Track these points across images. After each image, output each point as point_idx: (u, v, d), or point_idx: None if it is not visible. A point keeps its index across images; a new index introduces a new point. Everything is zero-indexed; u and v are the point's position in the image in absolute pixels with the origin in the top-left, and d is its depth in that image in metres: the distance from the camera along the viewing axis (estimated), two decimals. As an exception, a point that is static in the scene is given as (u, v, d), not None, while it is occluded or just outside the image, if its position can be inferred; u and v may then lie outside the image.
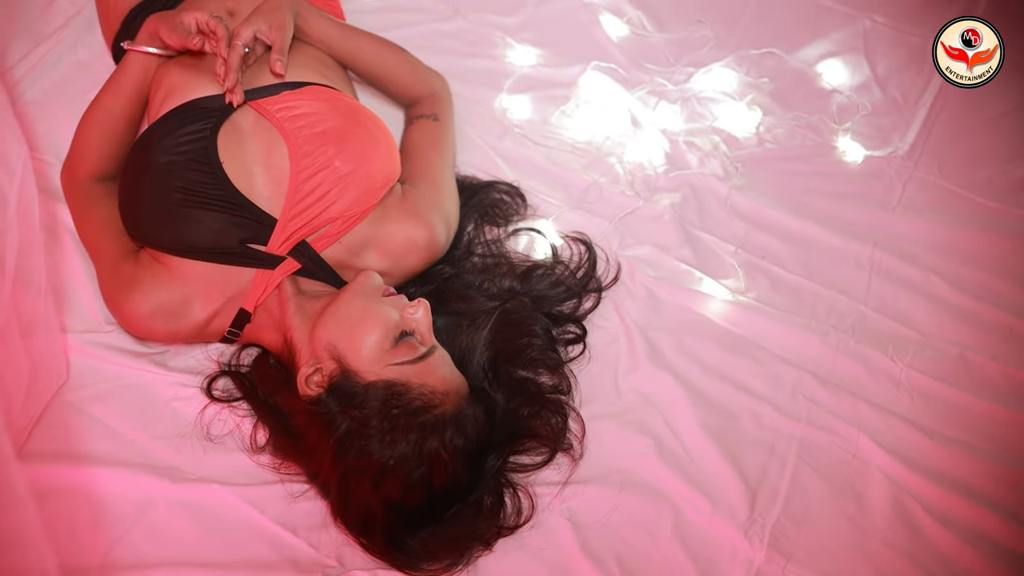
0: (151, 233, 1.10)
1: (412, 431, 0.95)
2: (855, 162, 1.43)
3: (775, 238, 1.34)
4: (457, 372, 1.04)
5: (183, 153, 1.09)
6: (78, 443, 1.16)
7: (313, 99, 1.15)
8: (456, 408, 0.99)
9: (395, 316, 1.01)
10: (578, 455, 1.11)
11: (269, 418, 1.08)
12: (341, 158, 1.11)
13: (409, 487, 0.96)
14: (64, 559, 1.08)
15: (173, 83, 1.18)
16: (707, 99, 1.49)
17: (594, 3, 1.61)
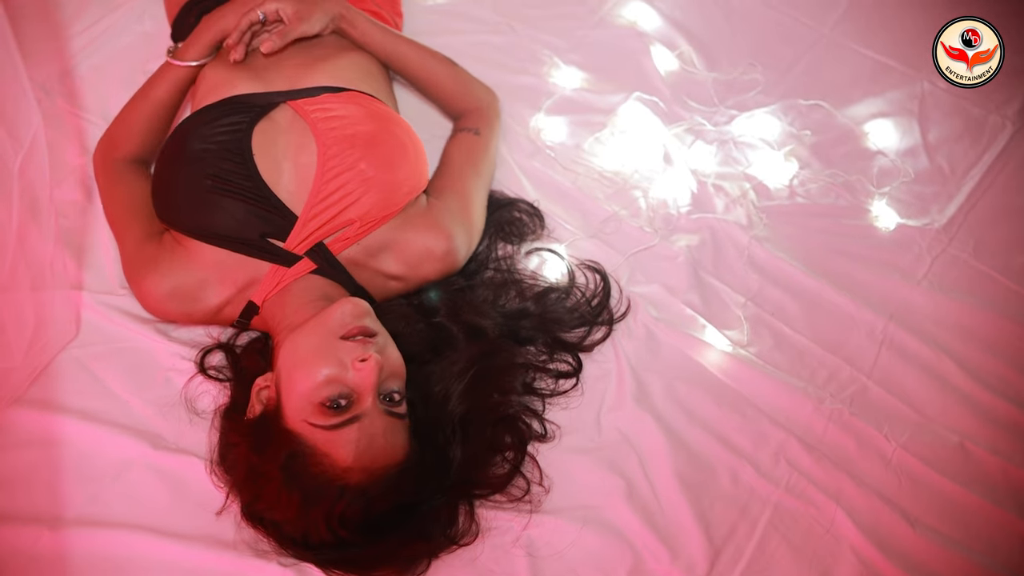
0: (178, 216, 1.14)
1: (301, 493, 0.95)
2: (887, 228, 1.38)
3: (788, 295, 1.31)
4: (382, 444, 0.97)
5: (218, 143, 1.13)
6: (75, 397, 1.22)
7: (349, 103, 1.18)
8: (359, 483, 0.95)
9: (332, 372, 0.97)
10: (535, 503, 1.10)
11: (239, 398, 1.11)
12: (367, 161, 1.13)
13: (305, 534, 0.98)
14: (41, 507, 1.13)
15: (218, 78, 1.23)
16: (745, 144, 1.47)
17: (647, 33, 1.60)
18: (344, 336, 1.00)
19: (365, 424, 0.97)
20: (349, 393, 0.97)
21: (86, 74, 1.55)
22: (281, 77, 1.22)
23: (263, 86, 1.20)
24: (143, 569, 1.09)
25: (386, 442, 0.97)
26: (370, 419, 0.97)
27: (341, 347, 0.99)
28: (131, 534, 1.11)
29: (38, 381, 1.22)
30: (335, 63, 1.26)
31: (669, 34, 1.61)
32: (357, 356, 0.97)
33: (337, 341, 0.99)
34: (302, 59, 1.25)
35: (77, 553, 1.10)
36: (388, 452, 0.98)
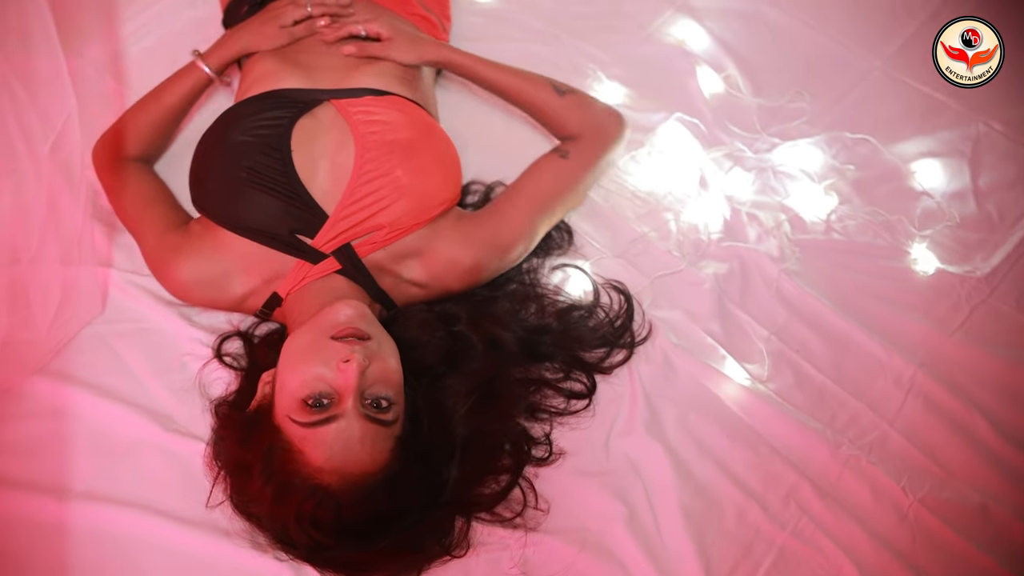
0: (211, 204, 1.16)
1: (275, 488, 0.96)
2: (925, 273, 1.34)
3: (814, 333, 1.27)
4: (358, 449, 0.95)
5: (258, 136, 1.14)
6: (94, 373, 1.24)
7: (391, 109, 1.18)
8: (330, 485, 0.94)
9: (318, 371, 0.97)
10: (529, 525, 1.09)
11: (246, 389, 1.11)
12: (403, 168, 1.13)
13: (283, 531, 0.98)
14: (51, 477, 1.16)
15: (265, 69, 1.24)
16: (784, 174, 1.43)
17: (695, 53, 1.57)
18: (335, 336, 1.00)
19: (342, 426, 0.95)
20: (331, 393, 0.96)
21: (137, 56, 1.58)
22: (327, 74, 1.23)
23: (309, 82, 1.21)
24: (143, 549, 1.11)
25: (363, 448, 0.95)
26: (348, 421, 0.95)
27: (330, 347, 0.98)
28: (135, 514, 1.12)
29: (61, 354, 1.25)
30: (380, 65, 1.27)
31: (717, 56, 1.58)
32: (341, 357, 0.97)
33: (328, 341, 0.99)
34: (344, 64, 1.26)
35: (81, 527, 1.12)
36: (364, 458, 0.96)
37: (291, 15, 1.29)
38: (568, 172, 1.25)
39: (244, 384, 1.13)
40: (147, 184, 1.29)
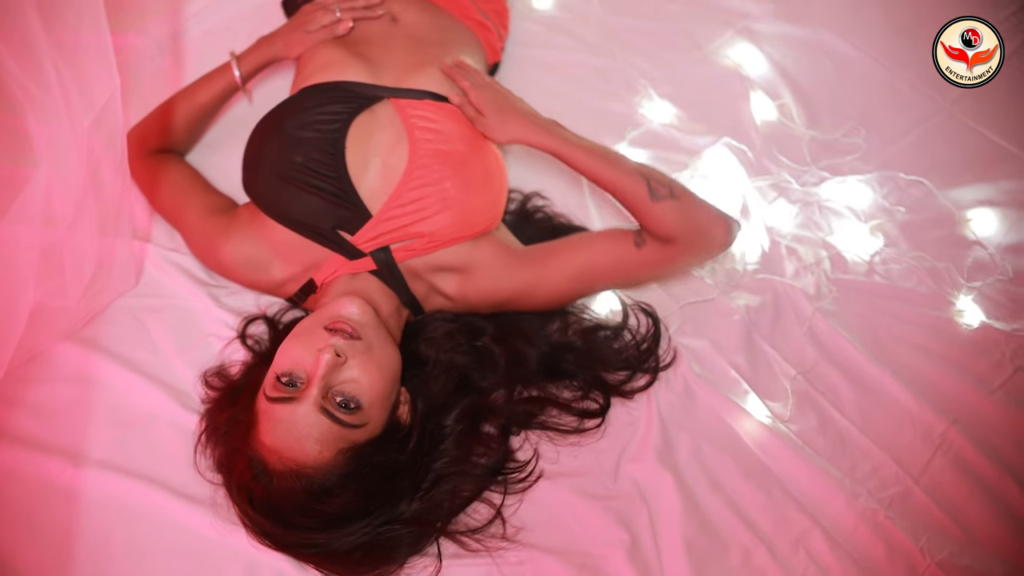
0: (259, 192, 1.17)
1: (224, 450, 1.03)
2: (969, 326, 1.28)
3: (844, 377, 1.23)
4: (302, 437, 0.95)
5: (315, 131, 1.14)
6: (121, 344, 1.27)
7: (448, 118, 1.17)
8: (268, 464, 0.96)
9: (300, 353, 0.99)
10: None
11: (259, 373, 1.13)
12: (452, 181, 1.13)
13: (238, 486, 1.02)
14: (71, 442, 1.18)
15: (328, 58, 1.24)
16: (830, 210, 1.39)
17: (751, 78, 1.54)
18: (328, 327, 1.01)
19: (296, 410, 0.96)
20: (304, 378, 0.98)
21: (196, 37, 1.62)
22: (390, 71, 1.23)
23: (372, 77, 1.21)
24: (149, 522, 1.12)
25: (307, 438, 0.95)
26: (304, 408, 0.96)
27: (318, 335, 1.01)
28: (145, 486, 1.14)
29: (92, 323, 1.28)
30: (436, 73, 1.25)
31: (773, 82, 1.54)
32: (323, 345, 0.99)
33: (320, 329, 1.01)
34: (415, 58, 1.25)
35: (92, 494, 1.14)
36: (305, 448, 0.96)
37: (318, 20, 1.29)
38: (635, 264, 1.13)
39: (260, 364, 1.14)
40: (183, 171, 1.32)
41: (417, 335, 1.17)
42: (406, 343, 1.17)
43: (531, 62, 1.58)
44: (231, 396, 1.08)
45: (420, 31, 1.32)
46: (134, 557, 1.10)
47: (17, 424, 1.19)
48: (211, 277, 1.33)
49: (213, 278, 1.33)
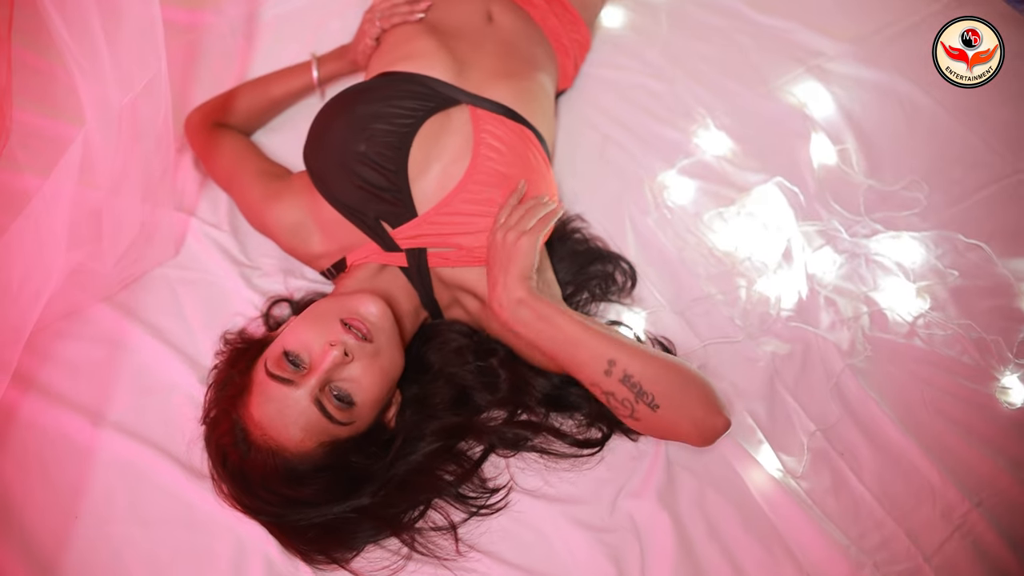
0: (316, 165, 1.19)
1: (216, 410, 1.06)
2: (1011, 405, 1.21)
3: (866, 440, 1.18)
4: (289, 421, 0.98)
5: (387, 123, 1.15)
6: (153, 312, 1.31)
7: (517, 141, 1.18)
8: (249, 434, 0.99)
9: (310, 338, 1.01)
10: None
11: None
12: (501, 203, 1.13)
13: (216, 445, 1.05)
14: (93, 401, 1.22)
15: (417, 49, 1.25)
16: (877, 264, 1.33)
17: (814, 119, 1.49)
18: (344, 320, 1.02)
19: (291, 393, 0.98)
20: (308, 364, 0.99)
21: (270, 21, 1.66)
22: (477, 73, 1.23)
23: (456, 77, 1.21)
24: (152, 489, 1.16)
25: (294, 424, 0.98)
26: (299, 394, 0.98)
27: (333, 326, 1.02)
28: (153, 454, 1.18)
29: (129, 288, 1.32)
30: (523, 84, 1.26)
31: (837, 125, 1.48)
32: (333, 338, 1.00)
33: (336, 321, 1.02)
34: (502, 66, 1.26)
35: (106, 453, 1.19)
36: (290, 434, 0.98)
37: (371, 34, 1.33)
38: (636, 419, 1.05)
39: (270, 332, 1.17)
40: (241, 140, 1.37)
41: (429, 340, 1.18)
42: (416, 344, 1.17)
43: (593, 79, 1.57)
44: (235, 356, 1.11)
45: (513, 38, 1.33)
46: (133, 521, 1.13)
47: (47, 376, 1.24)
48: (246, 257, 1.37)
49: (248, 258, 1.37)
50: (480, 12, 1.34)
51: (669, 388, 1.01)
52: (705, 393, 1.02)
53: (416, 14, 1.30)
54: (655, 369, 1.00)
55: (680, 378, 1.01)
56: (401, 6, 1.32)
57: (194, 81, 1.57)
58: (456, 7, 1.34)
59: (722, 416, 1.02)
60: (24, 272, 0.98)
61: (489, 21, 1.33)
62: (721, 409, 1.02)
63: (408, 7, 1.32)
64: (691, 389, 1.01)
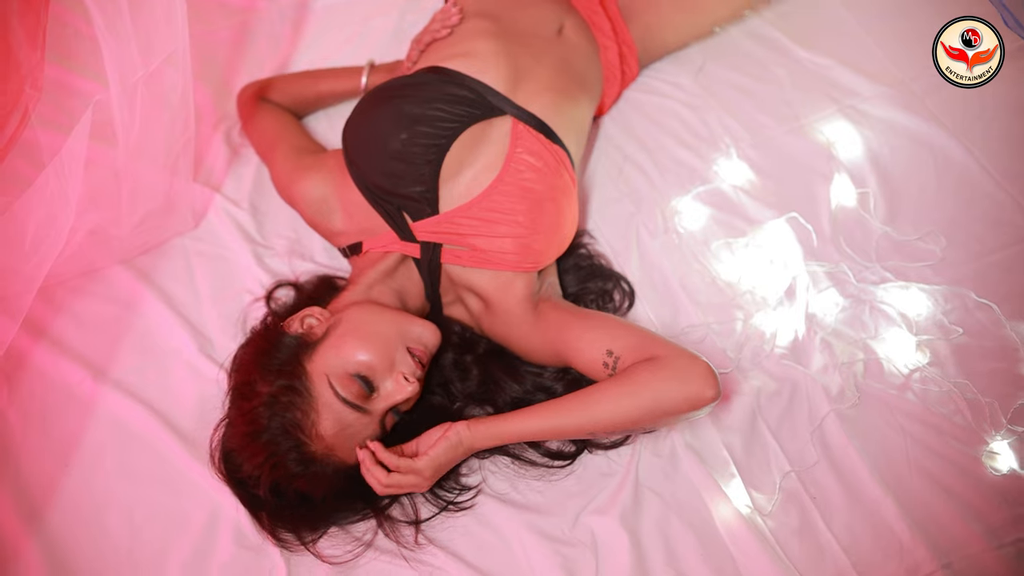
0: (350, 146, 1.22)
1: (267, 421, 1.03)
2: (996, 471, 1.18)
3: (841, 488, 1.16)
4: (356, 444, 1.05)
5: (431, 125, 1.17)
6: (166, 279, 1.38)
7: (550, 163, 1.20)
8: (313, 452, 1.03)
9: (380, 363, 1.05)
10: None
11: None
12: (524, 215, 1.16)
13: (240, 462, 1.07)
14: (98, 357, 1.29)
15: (479, 49, 1.25)
16: (881, 313, 1.31)
17: (839, 160, 1.47)
18: (410, 349, 1.07)
19: (363, 420, 1.04)
20: (375, 384, 1.05)
21: (318, 12, 1.71)
22: (530, 85, 1.24)
23: (509, 87, 1.22)
24: (141, 449, 1.22)
25: (359, 441, 1.05)
26: (369, 420, 1.05)
27: (402, 354, 1.07)
28: (147, 415, 1.24)
29: (148, 253, 1.39)
30: (567, 104, 1.28)
31: (863, 169, 1.46)
32: (409, 372, 1.06)
33: (403, 347, 1.07)
34: (557, 83, 1.27)
35: (103, 409, 1.25)
36: (353, 452, 1.05)
37: (412, 58, 1.34)
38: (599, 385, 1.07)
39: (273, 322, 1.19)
40: (285, 115, 1.43)
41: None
42: None
43: (624, 99, 1.58)
44: (275, 351, 1.09)
45: (573, 56, 1.35)
46: (120, 476, 1.19)
47: (59, 328, 1.31)
48: (261, 236, 1.42)
49: (263, 238, 1.42)
50: (554, 23, 1.35)
51: (648, 413, 1.03)
52: (682, 387, 1.02)
53: (444, 30, 1.29)
54: (626, 411, 1.03)
55: (651, 397, 1.02)
56: (435, 24, 1.31)
57: (240, 60, 1.64)
58: (532, 12, 1.34)
59: (707, 393, 1.02)
60: (38, 228, 1.04)
61: (559, 34, 1.35)
62: (702, 391, 1.02)
63: (440, 25, 1.30)
64: (667, 396, 1.02)
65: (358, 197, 1.21)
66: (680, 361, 1.03)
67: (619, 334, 1.08)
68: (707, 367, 1.03)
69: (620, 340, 1.07)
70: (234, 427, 1.08)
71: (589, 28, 1.42)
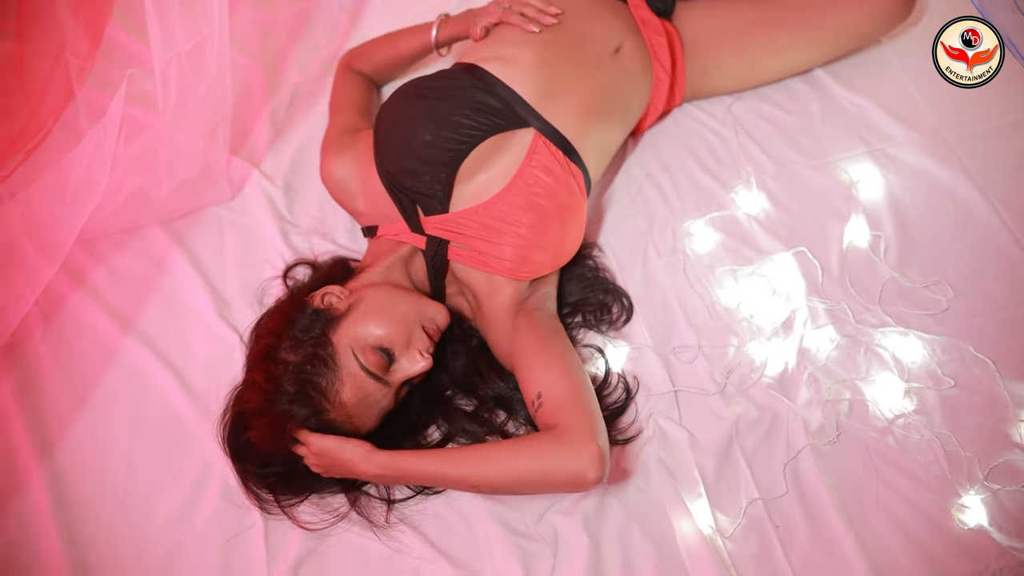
0: (379, 133, 1.28)
1: (294, 389, 1.10)
2: (963, 524, 1.18)
3: (805, 521, 1.18)
4: (375, 413, 1.14)
5: (456, 131, 1.22)
6: (197, 243, 1.47)
7: (562, 178, 1.25)
8: (333, 419, 1.11)
9: (399, 338, 1.13)
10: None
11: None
12: (527, 227, 1.22)
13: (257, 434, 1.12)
14: (127, 310, 1.39)
15: (517, 56, 1.28)
16: (875, 356, 1.32)
17: (859, 200, 1.48)
18: (424, 328, 1.16)
19: (383, 390, 1.13)
20: (394, 356, 1.13)
21: (376, 4, 1.79)
22: (563, 101, 1.28)
23: (539, 101, 1.25)
24: (152, 399, 1.32)
25: (377, 414, 1.14)
26: (388, 391, 1.14)
27: (418, 330, 1.15)
28: (162, 369, 1.33)
29: (186, 217, 1.48)
30: (598, 127, 1.31)
31: (880, 212, 1.47)
32: (425, 347, 1.14)
33: (419, 325, 1.16)
34: (592, 103, 1.30)
35: (122, 357, 1.35)
36: (370, 422, 1.15)
37: (488, 16, 1.36)
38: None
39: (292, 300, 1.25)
40: (354, 91, 1.50)
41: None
42: None
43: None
44: (301, 320, 1.16)
45: (623, 81, 1.37)
46: (126, 422, 1.29)
47: (96, 278, 1.42)
48: (290, 214, 1.50)
49: (291, 215, 1.50)
50: (614, 41, 1.36)
51: (534, 480, 1.07)
52: (569, 465, 1.04)
53: (533, 27, 1.30)
54: (513, 473, 1.07)
55: (540, 466, 1.06)
56: (529, 8, 1.31)
57: (295, 46, 1.73)
58: (595, 26, 1.36)
59: (590, 476, 1.04)
60: (78, 184, 1.14)
61: (615, 53, 1.37)
62: (585, 474, 1.04)
63: (535, 13, 1.31)
64: (554, 470, 1.05)
65: (379, 184, 1.28)
66: (577, 439, 1.04)
67: (556, 383, 1.11)
68: (598, 452, 1.04)
69: (553, 389, 1.11)
70: (253, 390, 1.14)
71: (649, 57, 1.44)
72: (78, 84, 1.20)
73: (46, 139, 1.20)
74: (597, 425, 1.07)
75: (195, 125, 1.29)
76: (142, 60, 1.42)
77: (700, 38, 1.51)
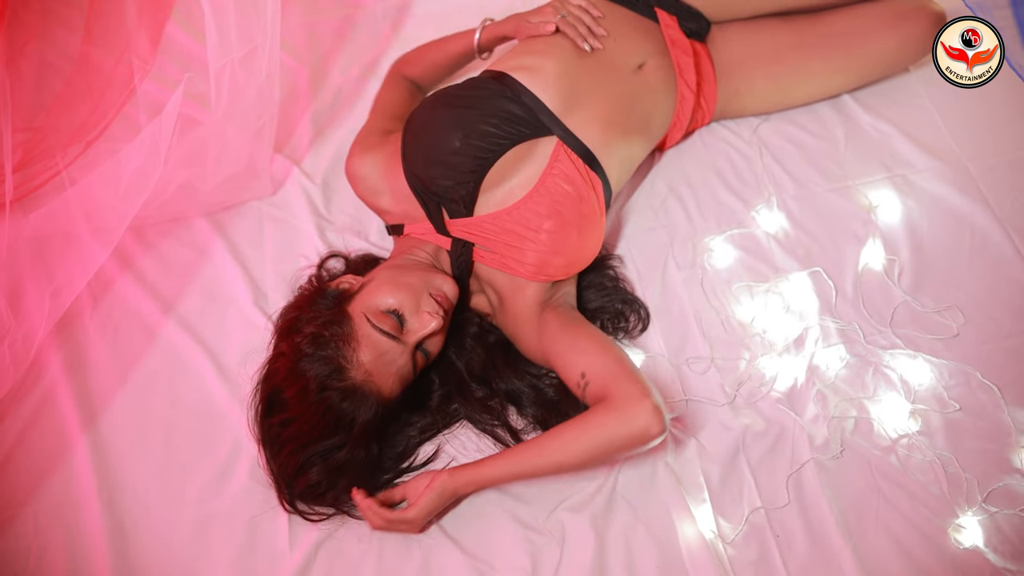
0: (409, 138, 1.34)
1: (313, 351, 1.17)
2: (959, 544, 1.21)
3: (805, 533, 1.23)
4: (392, 371, 1.18)
5: (484, 140, 1.28)
6: (238, 235, 1.55)
7: (582, 187, 1.30)
8: (354, 378, 1.16)
9: (407, 302, 1.19)
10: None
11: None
12: (548, 233, 1.28)
13: (284, 397, 1.19)
14: (170, 294, 1.47)
15: (542, 67, 1.33)
16: (883, 376, 1.36)
17: (877, 225, 1.52)
18: (432, 294, 1.22)
19: (397, 348, 1.19)
20: (404, 319, 1.19)
21: (418, 15, 1.86)
22: (584, 113, 1.33)
23: (562, 109, 1.31)
24: (189, 380, 1.40)
25: (395, 373, 1.19)
26: (402, 349, 1.19)
27: (425, 296, 1.21)
28: (200, 351, 1.41)
29: (229, 210, 1.56)
30: (619, 141, 1.36)
31: (897, 237, 1.50)
32: (432, 310, 1.20)
33: (426, 292, 1.22)
34: (612, 116, 1.35)
35: (164, 338, 1.43)
36: (389, 381, 1.19)
37: (540, 16, 1.40)
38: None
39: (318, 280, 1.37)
40: (395, 97, 1.55)
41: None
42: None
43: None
44: (319, 298, 1.25)
45: (644, 97, 1.42)
46: (164, 400, 1.37)
47: (142, 264, 1.51)
48: (327, 211, 1.58)
49: (328, 213, 1.57)
50: (637, 58, 1.41)
51: (603, 451, 1.16)
52: (630, 427, 1.13)
53: (585, 44, 1.36)
54: (583, 452, 1.15)
55: (603, 438, 1.14)
56: (582, 23, 1.37)
57: (340, 50, 1.81)
58: (620, 42, 1.40)
59: (652, 430, 1.13)
60: (133, 175, 1.22)
61: (637, 70, 1.42)
62: (647, 430, 1.13)
63: (586, 32, 1.37)
64: (617, 436, 1.14)
65: (406, 185, 1.34)
66: (630, 403, 1.13)
67: (596, 360, 1.19)
68: (653, 407, 1.13)
69: (594, 366, 1.19)
70: (279, 361, 1.22)
71: (675, 75, 1.49)
72: (139, 81, 1.28)
73: (106, 131, 1.28)
74: (645, 384, 1.15)
75: (244, 123, 1.36)
76: (198, 59, 1.50)
77: (734, 60, 1.56)
